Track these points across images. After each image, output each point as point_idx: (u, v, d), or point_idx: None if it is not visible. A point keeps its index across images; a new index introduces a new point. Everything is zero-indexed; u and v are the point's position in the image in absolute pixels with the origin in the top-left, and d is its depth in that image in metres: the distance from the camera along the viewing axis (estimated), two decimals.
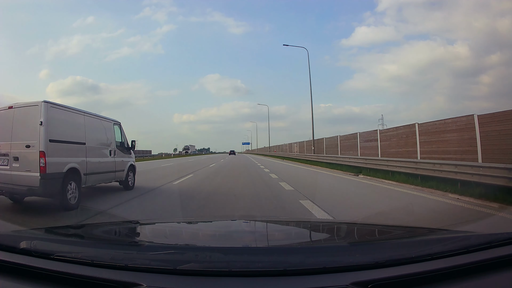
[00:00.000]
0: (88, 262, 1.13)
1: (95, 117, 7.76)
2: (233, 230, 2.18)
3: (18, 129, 5.83)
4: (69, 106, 6.86)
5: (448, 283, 1.08)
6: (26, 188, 5.53)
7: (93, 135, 7.42)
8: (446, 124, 10.95)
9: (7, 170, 5.69)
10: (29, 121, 5.76)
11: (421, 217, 5.38)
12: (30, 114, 5.80)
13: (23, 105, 5.96)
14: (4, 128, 5.91)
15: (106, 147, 7.99)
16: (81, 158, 6.73)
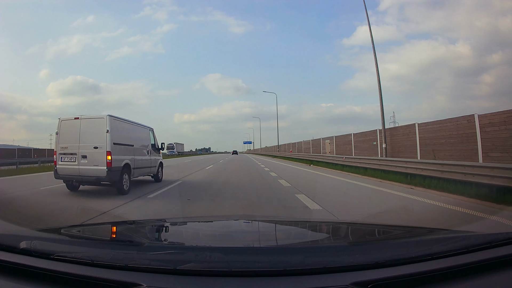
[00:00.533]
0: (88, 262, 1.13)
1: (138, 125, 9.98)
2: (233, 230, 2.18)
3: (85, 135, 7.76)
4: (122, 118, 8.84)
5: (448, 283, 1.08)
6: (94, 178, 7.64)
7: (138, 139, 9.65)
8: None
9: (75, 165, 7.72)
10: (96, 129, 7.74)
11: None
12: (97, 123, 7.80)
13: (90, 117, 8.00)
14: (72, 133, 7.85)
15: (145, 148, 10.20)
16: (131, 156, 8.85)
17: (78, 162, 7.76)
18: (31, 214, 5.59)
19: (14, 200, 7.18)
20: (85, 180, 7.96)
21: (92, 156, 7.70)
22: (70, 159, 7.87)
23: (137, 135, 9.69)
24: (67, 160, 7.92)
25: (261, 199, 7.32)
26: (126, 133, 8.81)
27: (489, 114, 9.45)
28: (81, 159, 7.74)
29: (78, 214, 5.68)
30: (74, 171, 7.78)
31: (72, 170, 7.79)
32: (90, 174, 7.68)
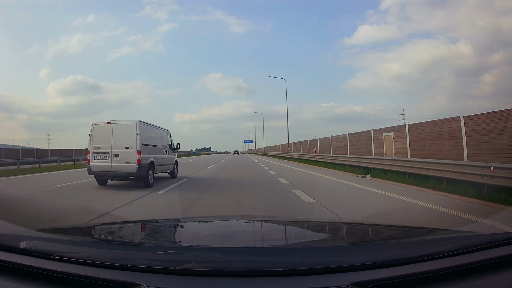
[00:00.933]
0: (88, 262, 1.13)
1: (159, 128, 11.52)
2: (233, 230, 2.18)
3: (117, 137, 9.19)
4: (147, 122, 10.37)
5: (448, 283, 1.08)
6: (126, 173, 9.06)
7: (159, 140, 11.16)
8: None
9: (108, 163, 9.10)
10: (127, 132, 9.20)
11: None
12: (128, 127, 9.27)
13: (121, 122, 9.47)
14: (104, 136, 9.21)
15: (164, 148, 11.66)
16: (155, 155, 10.33)
17: (111, 160, 9.12)
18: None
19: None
20: (117, 175, 9.28)
21: (124, 155, 9.09)
22: (103, 158, 9.21)
23: (158, 136, 11.22)
24: (100, 158, 9.25)
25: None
26: (150, 135, 10.31)
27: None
28: (114, 157, 9.12)
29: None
30: (107, 167, 9.12)
31: (105, 167, 9.13)
32: (121, 170, 9.06)
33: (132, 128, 9.23)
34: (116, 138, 9.21)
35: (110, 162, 9.11)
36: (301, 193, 7.93)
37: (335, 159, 18.49)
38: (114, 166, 9.09)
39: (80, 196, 7.99)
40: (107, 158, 9.16)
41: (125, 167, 9.01)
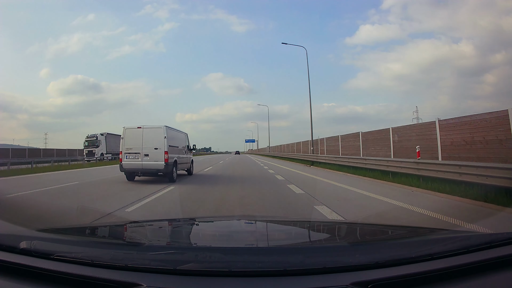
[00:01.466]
0: (88, 262, 1.13)
1: (179, 132, 13.34)
2: (233, 230, 2.18)
3: (147, 139, 10.84)
4: (172, 127, 12.11)
5: (448, 283, 1.08)
6: (155, 170, 10.73)
7: (180, 142, 12.89)
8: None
9: (138, 161, 10.75)
10: (155, 135, 10.87)
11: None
12: (156, 131, 10.95)
13: (150, 126, 11.12)
14: (135, 138, 10.86)
15: (184, 148, 13.40)
16: (177, 154, 12.00)
17: (141, 159, 10.74)
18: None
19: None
20: (146, 172, 10.96)
21: (153, 154, 10.72)
22: (134, 157, 10.80)
23: (179, 139, 12.93)
24: (131, 158, 10.83)
25: None
26: (174, 137, 11.98)
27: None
28: (144, 157, 10.75)
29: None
30: (137, 165, 10.78)
31: (136, 165, 10.79)
32: (151, 167, 10.73)
33: (160, 132, 10.90)
34: (146, 140, 10.85)
35: (140, 160, 10.75)
36: None
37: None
38: (144, 164, 10.73)
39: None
40: (138, 157, 10.78)
41: (154, 165, 10.64)
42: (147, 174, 11.24)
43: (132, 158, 10.81)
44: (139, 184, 10.32)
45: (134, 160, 10.79)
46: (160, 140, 10.77)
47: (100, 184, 10.92)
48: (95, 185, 10.49)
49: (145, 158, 10.72)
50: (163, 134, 10.84)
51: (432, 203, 6.69)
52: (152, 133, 10.96)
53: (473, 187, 7.11)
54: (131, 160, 10.81)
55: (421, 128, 12.50)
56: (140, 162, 10.75)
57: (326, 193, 8.10)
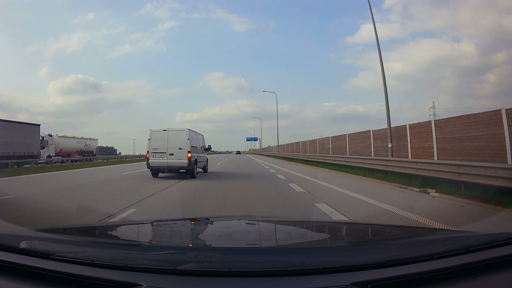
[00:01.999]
0: (88, 262, 1.13)
1: (198, 133, 14.98)
2: (233, 230, 2.18)
3: (172, 141, 12.39)
4: (193, 130, 13.82)
5: (448, 283, 1.08)
6: (178, 167, 12.33)
7: (198, 142, 14.55)
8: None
9: (164, 160, 12.33)
10: (179, 137, 12.50)
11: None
12: (180, 133, 12.60)
13: (174, 129, 12.81)
14: (161, 140, 12.40)
15: (201, 148, 15.01)
16: (197, 154, 13.63)
17: (167, 158, 12.32)
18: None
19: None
20: (171, 169, 12.61)
21: (177, 154, 12.28)
22: (160, 156, 12.38)
23: (198, 140, 14.55)
24: (157, 156, 12.39)
25: None
26: (194, 139, 13.57)
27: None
28: (169, 156, 12.32)
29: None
30: (163, 163, 12.37)
31: (162, 163, 12.37)
32: (175, 165, 12.33)
33: (184, 134, 12.60)
34: (171, 141, 12.39)
35: (166, 159, 12.31)
36: None
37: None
38: (169, 162, 12.29)
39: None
40: (164, 156, 12.34)
41: (179, 163, 12.25)
42: (171, 171, 12.81)
43: (158, 157, 12.37)
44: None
45: (160, 159, 12.34)
46: (183, 141, 12.40)
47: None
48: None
49: (170, 157, 12.28)
50: (186, 136, 12.52)
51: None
52: (176, 135, 12.56)
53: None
54: (158, 159, 12.37)
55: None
56: (166, 160, 12.30)
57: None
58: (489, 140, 9.01)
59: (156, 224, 2.38)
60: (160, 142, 12.43)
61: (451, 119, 10.89)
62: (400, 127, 13.98)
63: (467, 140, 9.82)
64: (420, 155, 12.03)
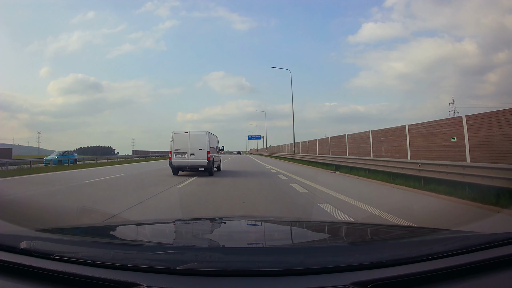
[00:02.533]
0: (88, 262, 1.13)
1: (214, 135, 16.15)
2: (233, 230, 2.18)
3: (192, 142, 13.70)
4: (211, 132, 15.10)
5: (448, 283, 1.08)
6: (198, 166, 13.66)
7: (215, 143, 15.84)
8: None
9: (185, 159, 13.61)
10: (199, 138, 13.83)
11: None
12: (200, 135, 13.89)
13: (195, 132, 14.05)
14: (182, 141, 13.72)
15: (217, 149, 16.36)
16: (214, 154, 14.98)
17: (188, 157, 13.60)
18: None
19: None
20: (192, 167, 13.88)
21: (197, 154, 13.57)
22: (182, 156, 13.65)
23: (214, 141, 15.80)
24: (179, 156, 13.66)
25: None
26: (212, 140, 14.73)
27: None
28: (190, 155, 13.60)
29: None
30: (185, 162, 13.64)
31: (183, 162, 13.64)
32: (195, 164, 13.64)
33: (204, 136, 13.90)
34: (191, 142, 13.71)
35: (187, 158, 13.61)
36: None
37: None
38: (190, 161, 13.60)
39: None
40: (185, 156, 13.63)
41: (199, 162, 13.59)
42: (192, 169, 14.14)
43: (180, 156, 13.66)
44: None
45: (182, 158, 13.64)
46: (203, 142, 13.71)
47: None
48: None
49: (191, 157, 13.60)
50: (206, 138, 13.85)
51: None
52: (197, 137, 13.89)
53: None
54: (179, 158, 13.65)
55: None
56: (187, 159, 13.61)
57: None
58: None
59: (156, 224, 2.38)
60: (181, 143, 13.72)
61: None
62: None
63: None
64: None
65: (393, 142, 13.68)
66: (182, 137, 13.87)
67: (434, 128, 11.03)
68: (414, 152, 11.87)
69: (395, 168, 11.16)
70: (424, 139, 11.46)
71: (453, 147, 9.80)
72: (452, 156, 9.61)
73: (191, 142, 13.73)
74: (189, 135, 13.87)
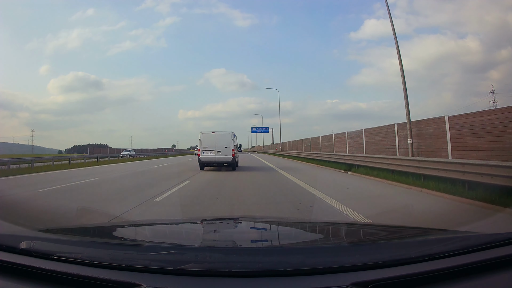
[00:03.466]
0: (88, 263, 1.13)
1: (235, 135, 17.38)
2: (233, 230, 2.18)
3: (219, 141, 15.44)
4: (233, 132, 16.97)
5: (448, 283, 1.08)
6: (224, 161, 15.37)
7: (236, 142, 17.27)
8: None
9: (212, 156, 15.36)
10: (225, 138, 15.65)
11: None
12: (226, 135, 15.76)
13: (221, 132, 15.88)
14: (210, 140, 15.45)
15: (236, 147, 17.51)
16: (236, 151, 16.78)
17: (215, 154, 15.42)
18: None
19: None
20: (218, 163, 15.58)
21: (223, 151, 15.43)
22: (209, 153, 15.47)
23: (235, 140, 17.24)
24: (207, 153, 15.48)
25: None
26: (234, 139, 16.50)
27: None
28: (217, 153, 15.41)
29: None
30: (212, 158, 15.50)
31: (211, 158, 15.49)
32: (222, 160, 15.44)
33: (229, 136, 15.86)
34: (218, 141, 15.48)
35: (214, 155, 15.41)
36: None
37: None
38: (217, 157, 15.42)
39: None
40: (212, 153, 15.42)
41: (224, 158, 15.40)
42: (218, 165, 15.76)
43: (208, 153, 15.48)
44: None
45: (209, 155, 15.46)
46: (228, 141, 15.62)
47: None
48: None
49: (218, 154, 15.39)
50: (231, 137, 15.82)
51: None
52: (222, 136, 15.73)
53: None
54: (207, 155, 15.48)
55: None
56: (214, 156, 15.42)
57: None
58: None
59: (156, 224, 2.38)
60: (209, 142, 15.48)
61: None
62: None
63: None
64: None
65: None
66: (210, 136, 15.62)
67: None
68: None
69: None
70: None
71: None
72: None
73: (217, 141, 15.48)
74: (215, 135, 15.65)
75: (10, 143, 62.64)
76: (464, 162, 7.73)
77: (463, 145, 9.62)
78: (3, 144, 39.09)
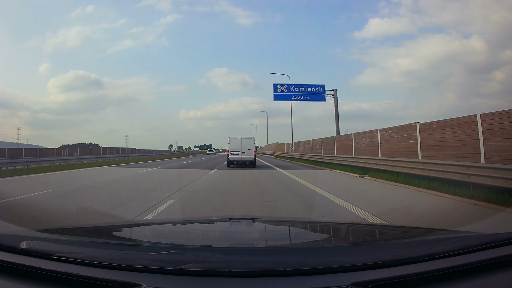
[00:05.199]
0: (88, 263, 1.13)
1: (254, 140, 22.06)
2: (233, 230, 2.18)
3: (243, 144, 20.28)
4: (253, 137, 22.99)
5: (449, 283, 1.08)
6: (248, 161, 20.02)
7: (255, 145, 21.77)
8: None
9: (238, 156, 20.06)
10: (249, 142, 20.81)
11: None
12: (249, 140, 21.17)
13: (245, 137, 21.27)
14: (236, 143, 20.21)
15: (255, 148, 21.46)
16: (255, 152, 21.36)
17: (240, 155, 19.68)
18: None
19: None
20: (243, 162, 19.66)
21: (247, 152, 19.80)
22: (236, 154, 19.74)
23: (254, 143, 21.40)
24: (234, 154, 19.72)
25: None
26: (254, 142, 21.19)
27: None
28: (242, 154, 19.70)
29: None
30: (238, 158, 19.71)
31: (237, 158, 19.72)
32: (245, 159, 19.68)
33: (251, 141, 20.80)
34: (243, 145, 19.88)
35: (240, 156, 19.68)
36: None
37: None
38: (242, 157, 19.67)
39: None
40: (238, 154, 19.71)
41: (248, 158, 19.68)
42: (243, 163, 19.71)
43: (235, 154, 19.77)
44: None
45: (236, 155, 19.72)
46: (251, 144, 20.36)
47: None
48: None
49: (242, 154, 19.70)
50: (252, 142, 20.85)
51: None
52: (246, 141, 20.28)
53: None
54: (234, 155, 19.72)
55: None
56: (240, 156, 19.70)
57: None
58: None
59: (156, 224, 2.38)
60: (236, 145, 19.93)
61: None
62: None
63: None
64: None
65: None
66: (236, 141, 20.13)
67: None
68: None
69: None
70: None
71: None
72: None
73: (242, 144, 19.95)
74: (241, 140, 20.20)
75: (9, 143, 62.52)
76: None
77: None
78: (3, 143, 38.84)
